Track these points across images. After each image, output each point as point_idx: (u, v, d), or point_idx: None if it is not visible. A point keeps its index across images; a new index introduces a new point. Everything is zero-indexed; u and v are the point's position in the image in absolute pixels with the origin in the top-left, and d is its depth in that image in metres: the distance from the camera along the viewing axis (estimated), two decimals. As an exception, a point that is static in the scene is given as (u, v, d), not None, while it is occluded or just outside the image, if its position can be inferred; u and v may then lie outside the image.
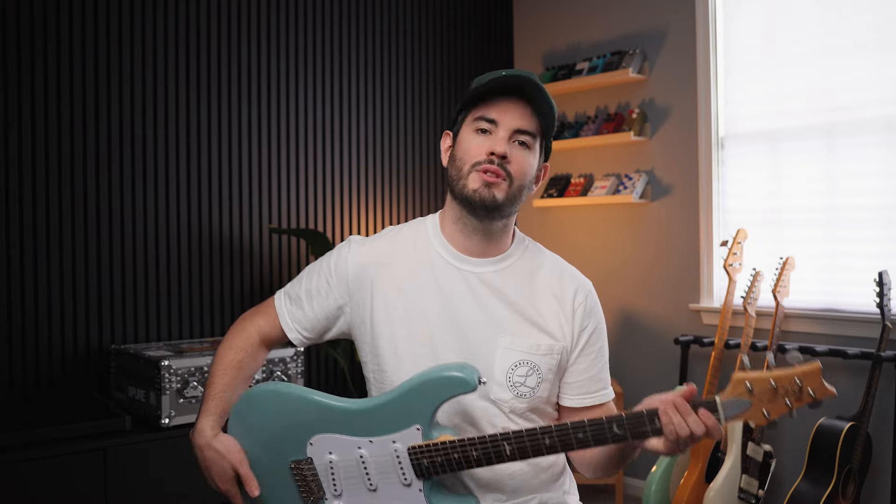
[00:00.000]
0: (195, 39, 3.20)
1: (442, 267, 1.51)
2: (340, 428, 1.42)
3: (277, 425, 1.46)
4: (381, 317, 1.51)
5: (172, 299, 3.13)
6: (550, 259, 1.57)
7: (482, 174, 1.44)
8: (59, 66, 2.87)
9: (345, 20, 3.66)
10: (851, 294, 3.07)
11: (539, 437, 1.31)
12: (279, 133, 3.45)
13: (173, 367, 2.60)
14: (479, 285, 1.49)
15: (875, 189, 3.03)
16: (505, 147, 1.44)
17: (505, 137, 1.45)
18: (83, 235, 2.93)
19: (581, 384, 1.52)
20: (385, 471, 1.39)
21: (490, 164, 1.44)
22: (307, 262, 3.52)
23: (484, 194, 1.44)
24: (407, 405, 1.38)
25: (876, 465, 2.89)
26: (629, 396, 3.75)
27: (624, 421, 1.28)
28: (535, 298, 1.50)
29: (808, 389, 1.25)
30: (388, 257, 1.54)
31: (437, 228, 1.55)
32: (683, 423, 1.27)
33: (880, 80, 3.00)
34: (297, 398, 1.45)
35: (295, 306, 1.59)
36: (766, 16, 3.33)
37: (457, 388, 1.35)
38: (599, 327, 1.55)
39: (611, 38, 3.87)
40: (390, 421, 1.39)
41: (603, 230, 3.91)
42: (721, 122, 3.48)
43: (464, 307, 1.48)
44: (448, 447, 1.35)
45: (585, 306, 1.52)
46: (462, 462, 1.35)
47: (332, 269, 1.56)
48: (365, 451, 1.40)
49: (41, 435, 2.38)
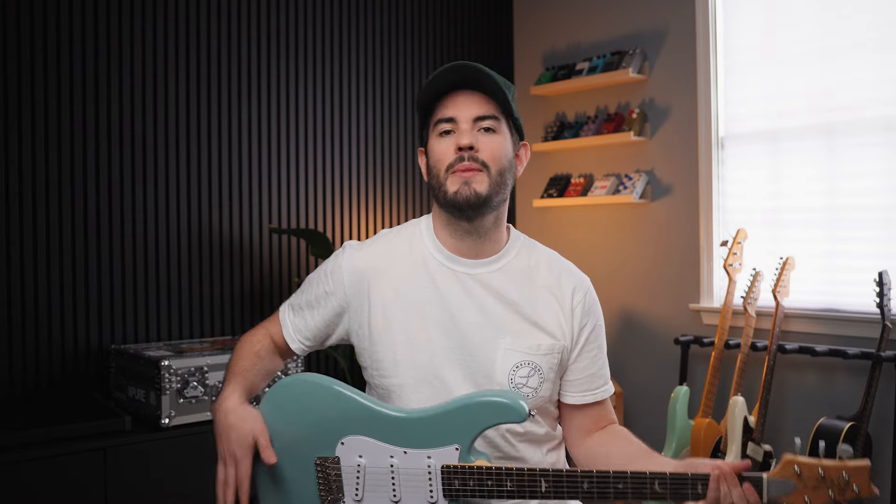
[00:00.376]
0: (195, 39, 3.20)
1: (438, 270, 1.50)
2: (376, 433, 1.37)
3: (311, 417, 1.41)
4: (378, 322, 1.50)
5: (172, 299, 3.13)
6: (547, 256, 1.56)
7: (458, 174, 1.43)
8: (59, 66, 2.87)
9: (345, 20, 3.66)
10: (851, 294, 3.07)
11: (578, 481, 1.28)
12: (279, 133, 3.45)
13: (173, 367, 2.60)
14: (477, 287, 1.48)
15: (875, 189, 3.03)
16: (469, 138, 1.43)
17: (468, 129, 1.43)
18: (83, 235, 2.93)
19: (582, 382, 1.52)
20: (413, 485, 1.35)
21: (461, 162, 1.42)
22: (307, 262, 3.52)
23: (465, 193, 1.42)
24: (450, 423, 1.34)
25: (876, 465, 2.89)
26: (629, 396, 3.75)
27: (668, 481, 1.26)
28: (534, 298, 1.49)
29: (853, 485, 1.26)
30: (385, 262, 1.53)
31: (430, 231, 1.54)
32: (729, 494, 1.25)
33: (880, 80, 3.00)
34: (335, 394, 1.41)
35: (297, 317, 1.60)
36: (766, 16, 3.33)
37: (506, 416, 1.32)
38: (599, 324, 1.54)
39: (611, 38, 3.87)
40: (430, 436, 1.35)
41: (603, 230, 3.91)
42: (721, 122, 3.48)
43: (462, 310, 1.47)
44: (483, 473, 1.31)
45: (584, 304, 1.51)
46: (494, 491, 1.31)
47: (329, 276, 1.55)
48: (397, 461, 1.36)
49: (41, 435, 2.38)
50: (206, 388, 2.66)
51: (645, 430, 3.63)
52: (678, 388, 3.20)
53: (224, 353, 2.76)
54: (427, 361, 1.46)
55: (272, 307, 3.41)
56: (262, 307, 3.38)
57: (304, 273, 3.51)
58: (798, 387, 3.18)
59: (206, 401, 2.67)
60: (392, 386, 1.48)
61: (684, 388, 3.20)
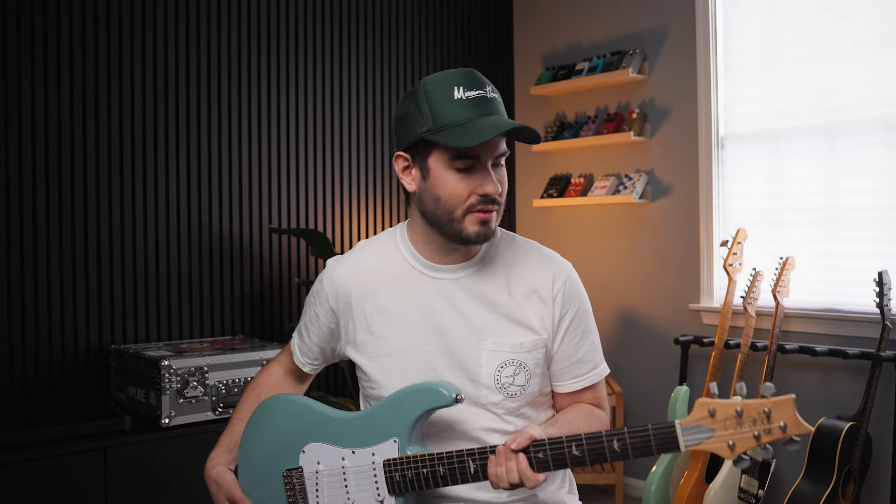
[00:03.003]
0: (195, 39, 3.20)
1: (417, 279, 1.50)
2: (329, 437, 1.44)
3: (280, 432, 1.49)
4: (363, 337, 1.52)
5: (172, 299, 3.13)
6: (525, 249, 1.55)
7: (479, 214, 1.41)
8: (59, 66, 2.87)
9: (345, 20, 3.66)
10: (851, 294, 3.07)
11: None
12: (279, 133, 3.45)
13: (173, 367, 2.60)
14: (457, 291, 1.48)
15: (875, 189, 3.03)
16: (497, 185, 1.41)
17: (490, 171, 1.41)
18: (83, 235, 2.93)
19: (568, 369, 1.51)
20: (362, 484, 1.40)
21: (485, 205, 1.41)
22: (307, 262, 3.52)
23: (485, 232, 1.42)
24: (387, 418, 1.39)
25: (876, 465, 2.89)
26: (629, 396, 3.75)
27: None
28: (514, 295, 1.48)
29: (778, 422, 1.12)
30: (363, 275, 1.54)
31: (406, 241, 1.53)
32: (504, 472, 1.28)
33: (880, 80, 3.00)
34: (300, 406, 1.49)
35: (301, 340, 1.65)
36: (766, 16, 3.33)
37: (433, 402, 1.36)
38: (581, 310, 1.52)
39: (611, 38, 3.87)
40: (372, 433, 1.40)
41: (603, 230, 3.91)
42: (721, 122, 3.48)
43: (443, 316, 1.47)
44: (418, 460, 1.35)
45: (564, 292, 1.50)
46: (430, 478, 1.34)
47: (316, 297, 1.60)
48: (347, 462, 1.41)
49: (41, 435, 2.38)
50: (206, 388, 2.66)
51: (645, 430, 3.63)
52: (678, 389, 3.20)
53: (224, 353, 2.76)
54: (413, 371, 1.46)
55: (272, 307, 3.41)
56: (262, 307, 3.38)
57: (304, 273, 3.51)
58: (798, 387, 3.18)
59: (206, 401, 2.67)
60: (382, 397, 1.49)
61: (684, 388, 3.20)
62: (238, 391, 2.72)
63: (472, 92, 1.39)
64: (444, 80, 1.40)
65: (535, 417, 1.51)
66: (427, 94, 1.39)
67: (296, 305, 3.49)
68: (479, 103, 1.38)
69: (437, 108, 1.38)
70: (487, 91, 1.40)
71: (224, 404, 2.70)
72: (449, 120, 1.37)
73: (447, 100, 1.38)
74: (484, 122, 1.37)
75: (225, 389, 2.70)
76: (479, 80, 1.41)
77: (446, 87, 1.39)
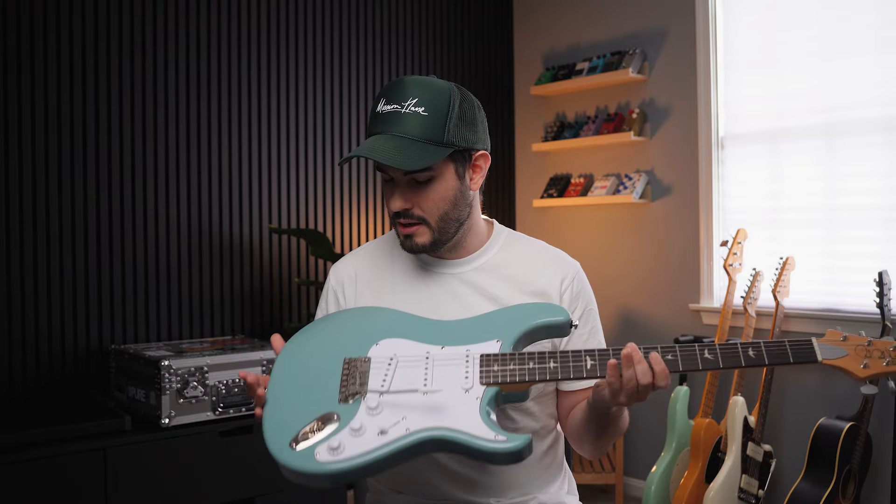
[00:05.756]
0: (195, 39, 3.20)
1: (421, 274, 1.51)
2: (414, 335, 1.35)
3: (347, 328, 1.41)
4: None
5: (172, 299, 3.13)
6: (532, 248, 1.55)
7: (400, 227, 1.44)
8: (59, 66, 2.87)
9: (345, 20, 3.66)
10: (851, 294, 3.07)
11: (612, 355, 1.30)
12: (279, 133, 3.45)
13: (173, 367, 2.60)
14: (461, 286, 1.48)
15: (875, 189, 3.03)
16: (400, 203, 1.40)
17: (401, 188, 1.41)
18: (83, 235, 2.93)
19: None
20: (448, 374, 1.28)
21: (399, 218, 1.42)
22: (307, 262, 3.52)
23: (409, 245, 1.44)
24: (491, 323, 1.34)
25: (876, 465, 2.89)
26: (629, 396, 3.75)
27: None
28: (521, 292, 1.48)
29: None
30: (368, 268, 1.54)
31: None
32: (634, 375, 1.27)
33: (880, 80, 3.00)
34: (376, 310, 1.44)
35: None
36: (766, 16, 3.33)
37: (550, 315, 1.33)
38: (588, 308, 1.52)
39: (611, 38, 3.87)
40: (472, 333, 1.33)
41: (603, 230, 3.91)
42: (721, 122, 3.48)
43: (448, 311, 1.46)
44: (524, 355, 1.29)
45: (572, 290, 1.49)
46: (535, 373, 1.27)
47: (325, 296, 1.59)
48: (433, 352, 1.32)
49: (41, 435, 2.38)
50: (206, 388, 2.66)
51: (645, 431, 3.63)
52: (678, 388, 3.20)
53: (224, 353, 2.76)
54: None
55: (272, 307, 3.41)
56: (262, 307, 3.38)
57: (304, 273, 3.51)
58: (798, 387, 3.18)
59: (206, 401, 2.67)
60: None
61: (684, 388, 3.20)
62: (238, 391, 2.72)
63: (387, 107, 1.38)
64: (382, 91, 1.42)
65: (538, 414, 1.51)
66: None
67: (296, 305, 3.49)
68: (376, 120, 1.40)
69: (370, 119, 1.43)
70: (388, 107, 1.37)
71: (224, 404, 2.70)
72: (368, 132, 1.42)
73: (373, 111, 1.42)
74: (368, 141, 1.38)
75: (225, 389, 2.70)
76: (395, 94, 1.38)
77: (378, 98, 1.42)
